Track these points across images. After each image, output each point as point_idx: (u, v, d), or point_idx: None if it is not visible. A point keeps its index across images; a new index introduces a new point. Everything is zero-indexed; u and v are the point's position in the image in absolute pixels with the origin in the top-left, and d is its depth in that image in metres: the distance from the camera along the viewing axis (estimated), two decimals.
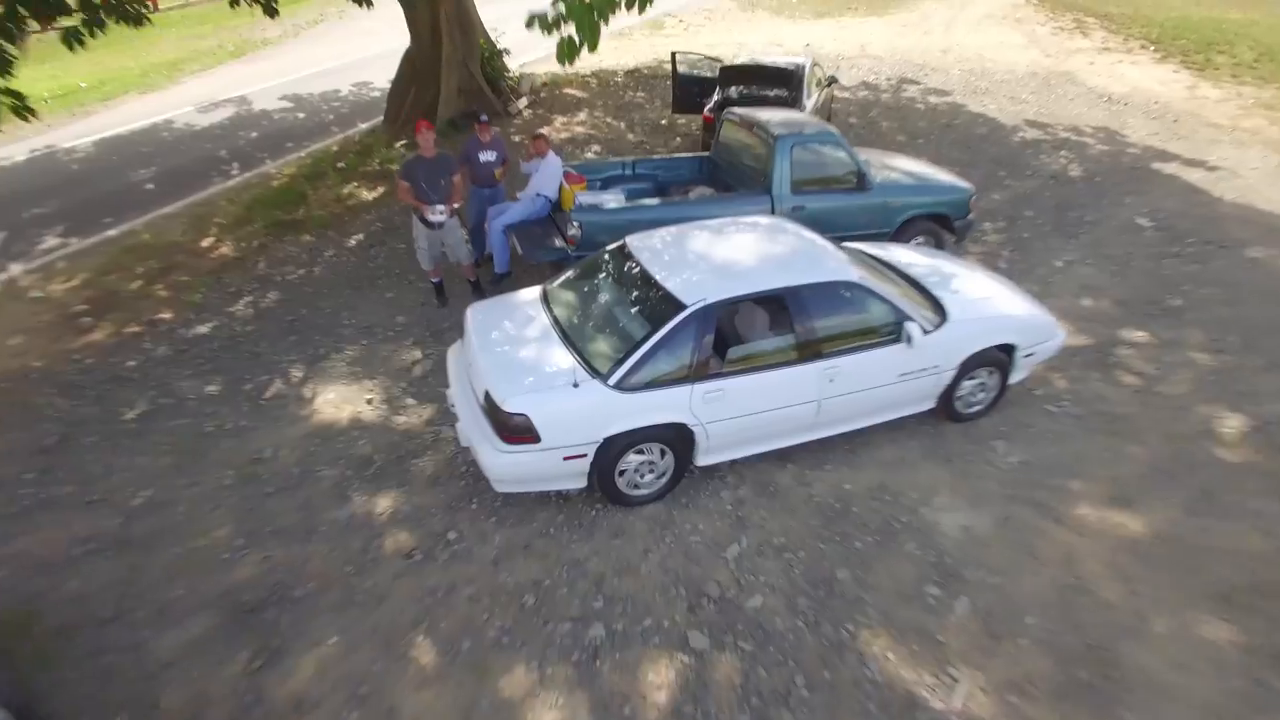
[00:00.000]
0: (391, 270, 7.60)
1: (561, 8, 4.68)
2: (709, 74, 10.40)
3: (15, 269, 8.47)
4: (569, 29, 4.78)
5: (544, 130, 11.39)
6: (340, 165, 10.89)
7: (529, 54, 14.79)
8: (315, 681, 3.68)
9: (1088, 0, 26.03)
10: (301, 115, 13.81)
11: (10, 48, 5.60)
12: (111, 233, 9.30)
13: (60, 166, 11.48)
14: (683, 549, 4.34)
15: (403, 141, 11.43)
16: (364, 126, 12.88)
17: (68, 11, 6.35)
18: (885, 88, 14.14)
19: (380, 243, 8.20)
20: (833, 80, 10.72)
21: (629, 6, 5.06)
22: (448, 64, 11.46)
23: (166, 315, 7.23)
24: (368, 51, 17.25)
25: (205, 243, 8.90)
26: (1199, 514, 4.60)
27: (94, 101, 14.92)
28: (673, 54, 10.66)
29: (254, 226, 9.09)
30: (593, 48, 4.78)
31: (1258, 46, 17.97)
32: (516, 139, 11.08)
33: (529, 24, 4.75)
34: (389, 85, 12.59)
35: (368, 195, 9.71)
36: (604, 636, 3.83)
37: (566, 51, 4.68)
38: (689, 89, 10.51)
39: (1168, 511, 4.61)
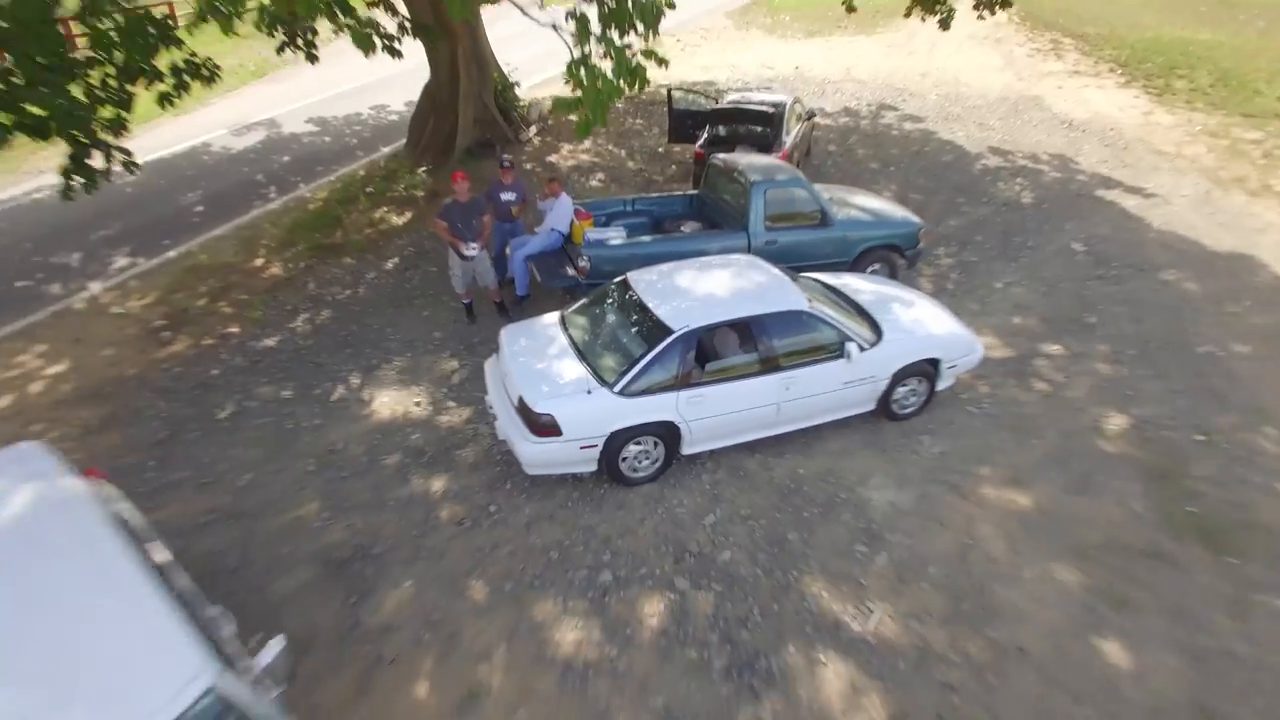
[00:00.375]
0: (426, 291, 8.92)
1: (580, 93, 6.00)
2: (703, 105, 11.74)
3: (95, 287, 9.77)
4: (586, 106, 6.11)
5: (553, 158, 12.74)
6: (369, 190, 12.20)
7: (534, 76, 16.13)
8: (397, 613, 5.00)
9: (1067, 20, 27.25)
10: (327, 139, 15.10)
11: (125, 114, 6.89)
12: (171, 254, 10.60)
13: (115, 190, 12.63)
14: (671, 518, 5.67)
15: (424, 167, 12.75)
16: (386, 150, 14.17)
17: (162, 78, 7.67)
18: (865, 114, 15.48)
19: (414, 266, 9.52)
20: (812, 115, 12.04)
21: (630, 87, 6.38)
22: (465, 97, 12.72)
23: (234, 330, 8.55)
24: (382, 73, 18.43)
25: (256, 263, 10.20)
26: (1075, 492, 5.93)
27: (133, 123, 16.15)
28: (668, 90, 11.98)
29: (298, 249, 10.40)
30: (603, 124, 6.11)
31: (1217, 70, 19.20)
32: (529, 166, 12.40)
33: (554, 108, 6.06)
34: (406, 108, 13.88)
35: (397, 220, 11.03)
36: (611, 580, 5.16)
37: (582, 129, 6.01)
38: (683, 121, 11.84)
39: (1051, 490, 5.94)
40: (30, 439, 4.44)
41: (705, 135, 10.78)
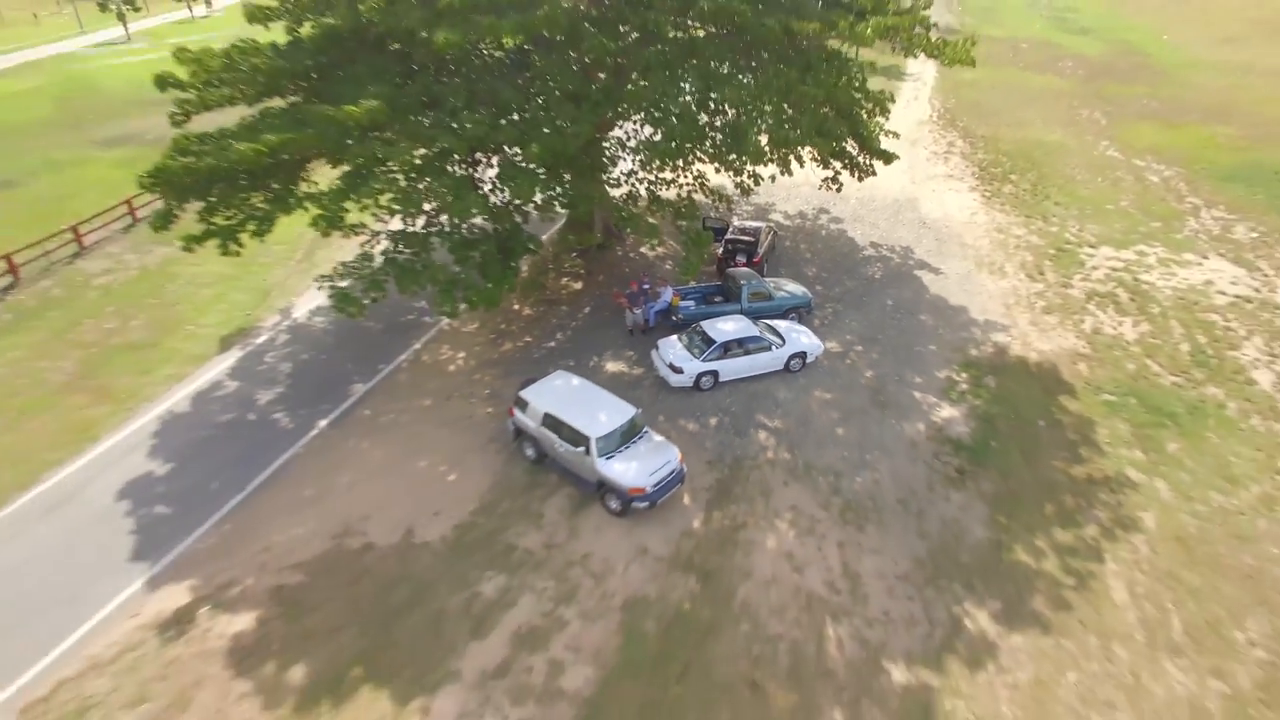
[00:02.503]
0: (608, 323, 22.69)
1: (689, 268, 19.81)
2: (723, 222, 25.55)
3: (444, 321, 23.44)
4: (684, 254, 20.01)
5: (643, 249, 26.58)
6: (550, 267, 25.96)
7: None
8: (647, 419, 18.75)
9: (970, 118, 41.15)
10: None
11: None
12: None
13: None
14: (716, 399, 19.55)
15: (574, 252, 26.45)
16: (544, 238, 27.84)
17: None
18: (810, 216, 29.38)
19: (597, 312, 23.31)
20: (774, 230, 25.86)
21: (701, 261, 20.23)
22: (598, 217, 26.38)
23: (529, 339, 22.33)
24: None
25: (516, 308, 23.94)
26: (842, 393, 19.80)
27: None
28: (704, 218, 25.69)
29: (532, 299, 24.14)
30: (695, 272, 19.98)
31: (1039, 174, 33.08)
32: (631, 255, 26.21)
33: (677, 269, 19.92)
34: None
35: (576, 286, 24.85)
36: (700, 413, 19.02)
37: (688, 275, 19.84)
38: (712, 230, 25.60)
39: (839, 395, 19.88)
40: (484, 380, 18.19)
41: (721, 247, 24.60)
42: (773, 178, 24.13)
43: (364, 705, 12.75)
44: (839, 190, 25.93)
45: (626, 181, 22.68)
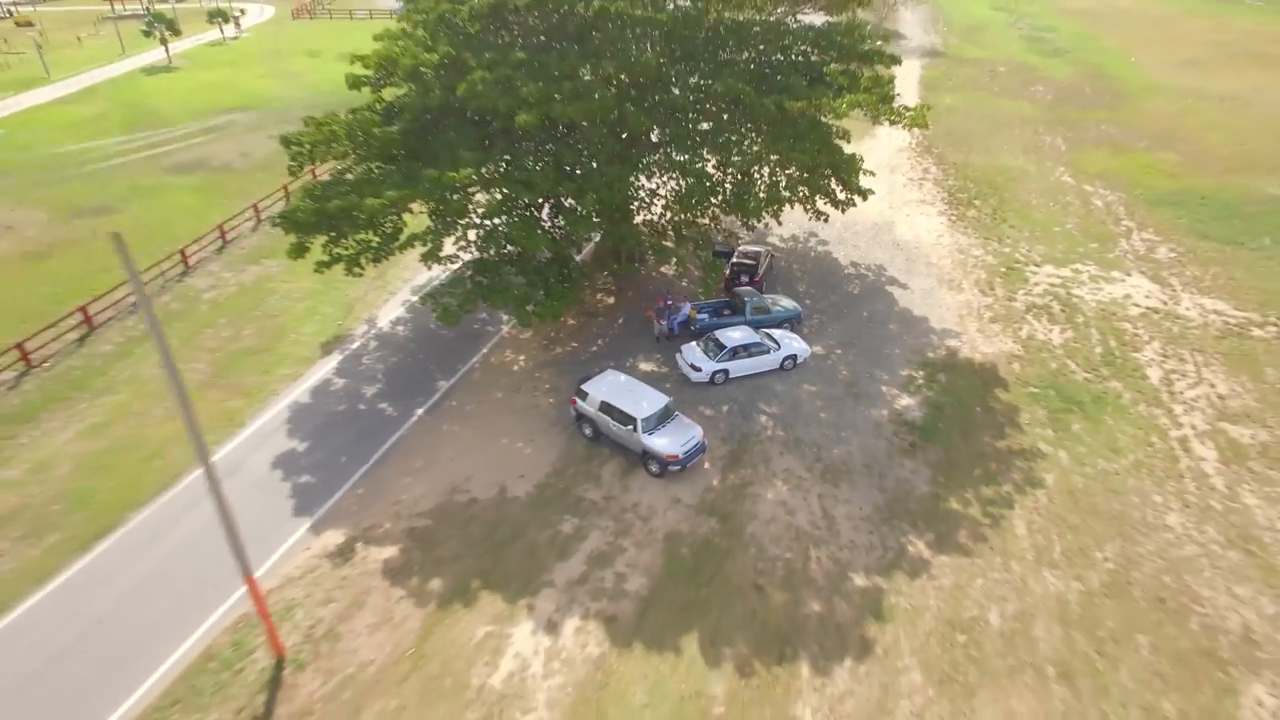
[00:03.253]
0: (639, 332, 28.76)
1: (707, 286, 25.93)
2: (729, 246, 31.65)
3: (504, 329, 29.48)
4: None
5: (664, 269, 32.68)
6: (587, 285, 31.99)
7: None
8: (676, 403, 24.83)
9: (946, 145, 47.25)
10: None
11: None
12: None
13: None
14: (726, 391, 25.65)
15: (606, 272, 32.50)
16: (579, 257, 33.82)
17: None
18: (801, 238, 35.49)
19: (630, 322, 29.40)
20: (772, 253, 31.95)
21: (715, 280, 26.35)
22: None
23: (575, 345, 28.42)
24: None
25: (561, 319, 29.96)
26: (824, 384, 25.93)
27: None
28: (713, 244, 31.79)
29: (576, 311, 30.17)
30: (712, 288, 26.10)
31: (999, 199, 39.26)
32: (654, 274, 32.26)
33: (694, 286, 26.06)
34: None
35: (609, 300, 30.93)
36: (714, 402, 25.09)
37: (707, 292, 25.94)
38: (721, 255, 31.69)
39: (819, 385, 25.99)
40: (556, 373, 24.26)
41: (729, 268, 30.69)
42: (765, 225, 30.20)
43: (486, 604, 18.76)
44: (825, 220, 31.98)
45: (659, 221, 28.71)
